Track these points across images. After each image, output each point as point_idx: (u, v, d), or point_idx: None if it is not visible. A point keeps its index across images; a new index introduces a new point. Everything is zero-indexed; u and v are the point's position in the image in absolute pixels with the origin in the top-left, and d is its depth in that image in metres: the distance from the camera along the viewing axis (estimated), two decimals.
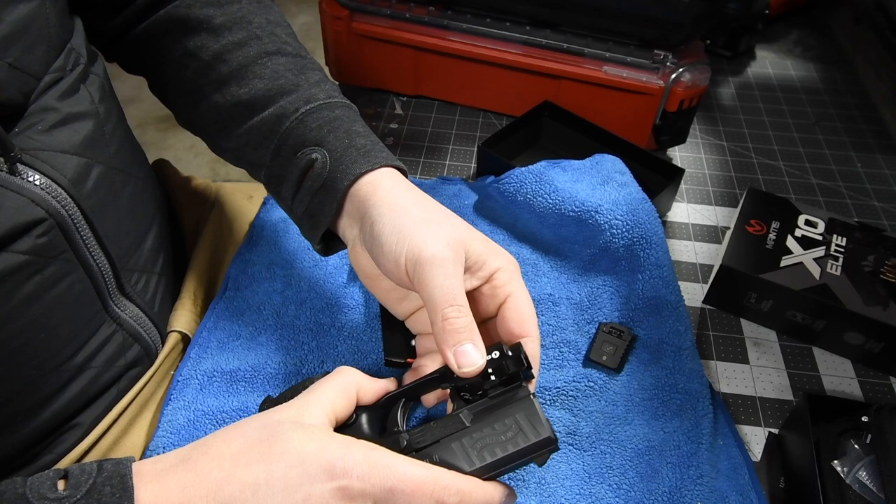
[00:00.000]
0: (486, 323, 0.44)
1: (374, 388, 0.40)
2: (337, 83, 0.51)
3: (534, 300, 0.57)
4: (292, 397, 0.39)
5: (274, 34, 0.50)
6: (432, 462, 0.35)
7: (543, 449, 0.35)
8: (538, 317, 0.56)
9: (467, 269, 0.41)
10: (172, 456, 0.35)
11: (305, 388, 0.40)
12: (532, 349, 0.40)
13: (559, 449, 0.37)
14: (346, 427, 0.39)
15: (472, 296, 0.42)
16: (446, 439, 0.36)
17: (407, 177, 0.46)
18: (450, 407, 0.41)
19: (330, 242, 0.48)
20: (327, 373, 0.41)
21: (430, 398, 0.44)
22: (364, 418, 0.39)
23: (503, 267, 0.42)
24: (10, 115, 0.38)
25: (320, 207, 0.45)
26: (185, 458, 0.34)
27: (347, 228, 0.45)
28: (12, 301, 0.38)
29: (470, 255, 0.41)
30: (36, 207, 0.38)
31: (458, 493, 0.33)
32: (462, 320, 0.37)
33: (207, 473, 0.32)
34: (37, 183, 0.38)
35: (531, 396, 0.37)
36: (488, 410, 0.37)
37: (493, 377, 0.37)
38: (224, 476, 0.32)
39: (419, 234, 0.39)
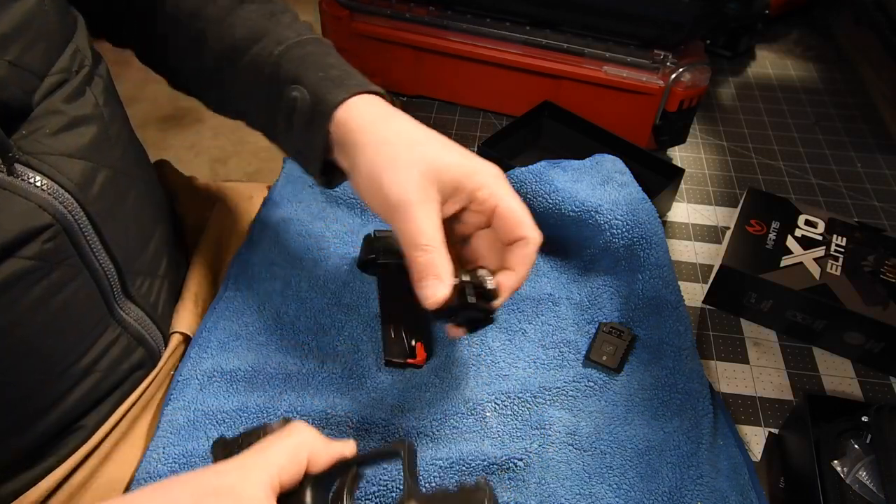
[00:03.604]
0: (486, 230, 0.45)
1: (327, 452, 0.37)
2: (309, 23, 0.52)
3: (534, 300, 0.57)
4: (243, 443, 0.37)
5: None
6: None
7: None
8: (538, 317, 0.56)
9: (446, 198, 0.41)
10: None
11: (259, 436, 0.37)
12: (528, 252, 0.42)
13: None
14: (289, 496, 0.35)
15: (461, 217, 0.44)
16: None
17: (386, 99, 0.46)
18: (451, 332, 0.44)
19: (331, 175, 0.48)
20: (286, 421, 0.38)
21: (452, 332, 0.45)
22: (309, 491, 0.36)
23: (482, 184, 0.42)
24: (14, 117, 0.38)
25: (310, 143, 0.45)
26: None
27: (341, 160, 0.45)
28: (19, 306, 0.38)
29: (444, 186, 0.41)
30: (43, 213, 0.38)
31: None
32: (424, 258, 0.39)
33: None
34: (42, 187, 0.38)
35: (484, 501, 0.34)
36: None
37: (470, 299, 0.41)
38: None
39: (385, 181, 0.41)
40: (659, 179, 0.67)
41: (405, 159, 0.41)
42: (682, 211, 0.71)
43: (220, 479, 0.33)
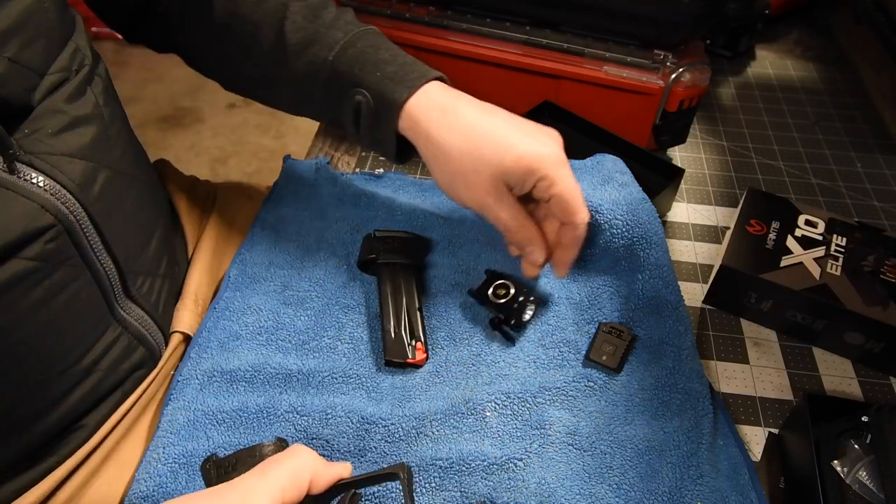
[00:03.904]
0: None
1: (327, 474, 0.38)
2: (351, 9, 0.55)
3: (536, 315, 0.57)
4: (238, 464, 0.37)
5: None
6: None
7: None
8: (538, 317, 0.56)
9: (513, 188, 0.48)
10: None
11: (253, 456, 0.38)
12: (578, 234, 0.50)
13: None
14: None
15: (528, 196, 0.50)
16: None
17: (445, 81, 0.51)
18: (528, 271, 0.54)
19: (406, 153, 0.53)
20: (280, 441, 0.39)
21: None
22: None
23: (542, 176, 0.47)
24: (15, 116, 0.38)
25: (380, 139, 0.51)
26: None
27: (414, 143, 0.50)
28: (20, 307, 0.38)
29: (509, 182, 0.47)
30: (45, 213, 0.38)
31: None
32: (517, 236, 0.50)
33: None
34: (45, 187, 0.38)
35: None
36: None
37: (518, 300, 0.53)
38: None
39: (461, 190, 0.48)
40: (659, 179, 0.67)
41: (473, 168, 0.47)
42: (682, 211, 0.71)
43: (227, 497, 0.34)
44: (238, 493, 0.34)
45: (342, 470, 0.39)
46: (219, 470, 0.39)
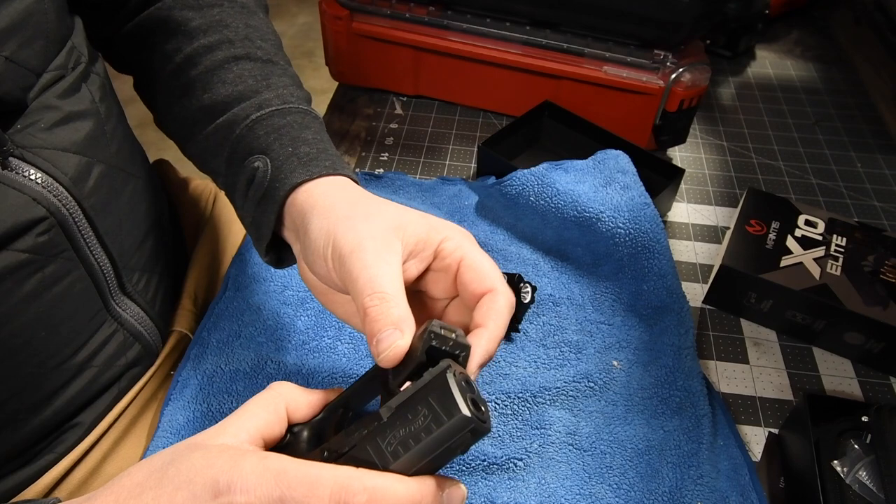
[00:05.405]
0: (455, 302, 0.40)
1: (308, 400, 0.36)
2: (310, 93, 0.50)
3: (534, 300, 0.57)
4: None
5: (248, 38, 0.49)
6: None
7: (461, 432, 0.29)
8: (538, 317, 0.56)
9: (410, 255, 0.38)
10: (87, 495, 0.32)
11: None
12: (499, 306, 0.36)
13: (488, 430, 0.29)
14: (281, 447, 0.35)
15: (427, 279, 0.40)
16: (363, 440, 0.31)
17: (358, 184, 0.43)
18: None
19: (283, 254, 0.45)
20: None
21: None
22: (304, 435, 0.36)
23: (447, 237, 0.38)
24: (10, 112, 0.38)
25: (262, 218, 0.42)
26: (90, 497, 0.31)
27: (293, 243, 0.42)
28: (13, 299, 0.38)
29: (407, 239, 0.37)
30: (37, 206, 0.38)
31: (366, 492, 0.28)
32: (378, 308, 0.33)
33: None
34: (37, 181, 0.38)
35: (446, 372, 0.30)
36: (409, 400, 0.31)
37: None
38: None
39: (341, 231, 0.37)
40: (659, 179, 0.67)
41: (363, 214, 0.38)
42: (682, 211, 0.71)
43: (196, 437, 0.32)
44: (212, 431, 0.33)
45: (326, 395, 0.37)
46: None
